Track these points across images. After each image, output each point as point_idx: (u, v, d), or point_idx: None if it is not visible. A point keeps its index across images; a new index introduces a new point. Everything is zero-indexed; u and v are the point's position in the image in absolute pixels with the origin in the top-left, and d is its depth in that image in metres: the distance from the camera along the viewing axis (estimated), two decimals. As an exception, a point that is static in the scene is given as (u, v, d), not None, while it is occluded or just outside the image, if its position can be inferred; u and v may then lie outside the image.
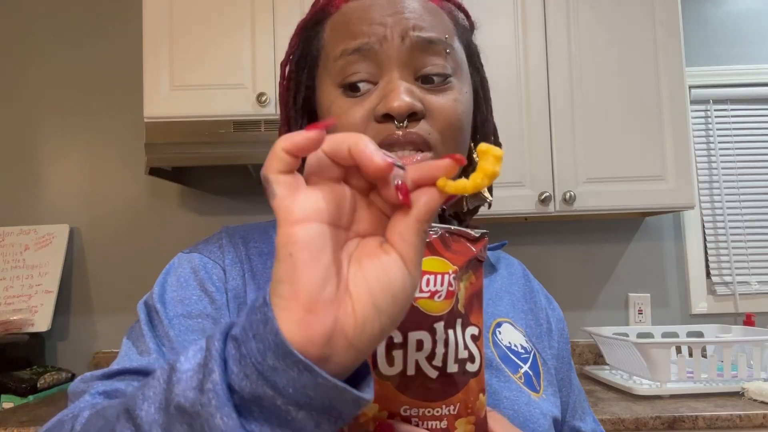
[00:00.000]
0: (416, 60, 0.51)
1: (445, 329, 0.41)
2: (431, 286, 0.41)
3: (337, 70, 0.52)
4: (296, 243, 0.29)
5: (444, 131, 0.51)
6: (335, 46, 0.53)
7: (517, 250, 1.92)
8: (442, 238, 0.43)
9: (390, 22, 0.51)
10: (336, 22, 0.55)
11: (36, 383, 1.53)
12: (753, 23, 1.98)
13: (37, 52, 1.98)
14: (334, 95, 0.53)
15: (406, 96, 0.49)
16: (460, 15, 0.62)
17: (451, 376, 0.41)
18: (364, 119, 0.51)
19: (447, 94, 0.52)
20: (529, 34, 1.61)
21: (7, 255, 1.83)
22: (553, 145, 1.59)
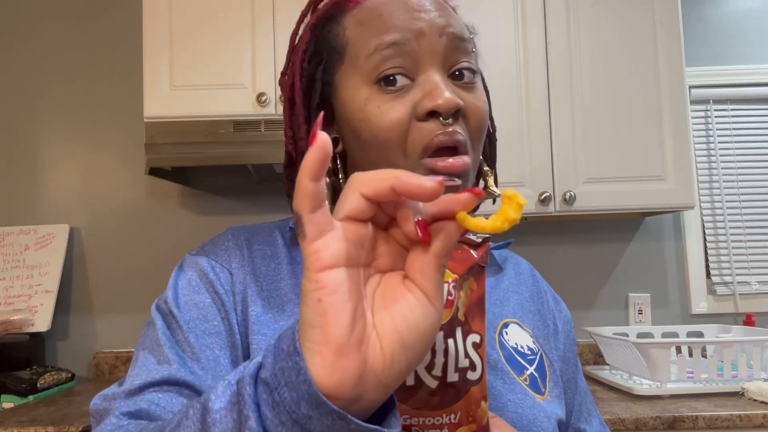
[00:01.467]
0: (450, 56, 0.50)
1: (444, 339, 0.41)
2: None
3: (371, 66, 0.49)
4: (324, 288, 0.29)
5: (474, 132, 0.50)
6: (367, 42, 0.50)
7: (517, 250, 1.92)
8: None
9: (425, 17, 0.50)
10: (362, 18, 0.52)
11: (36, 383, 1.53)
12: (753, 23, 1.98)
13: (38, 52, 1.98)
14: (368, 92, 0.50)
15: (448, 93, 0.47)
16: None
17: (451, 384, 0.41)
18: (407, 116, 0.48)
19: (475, 93, 0.51)
20: (529, 34, 1.61)
21: (7, 255, 1.83)
22: (553, 145, 1.59)
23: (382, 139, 0.49)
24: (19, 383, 1.51)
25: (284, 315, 0.52)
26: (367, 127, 0.50)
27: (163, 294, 0.54)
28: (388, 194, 0.30)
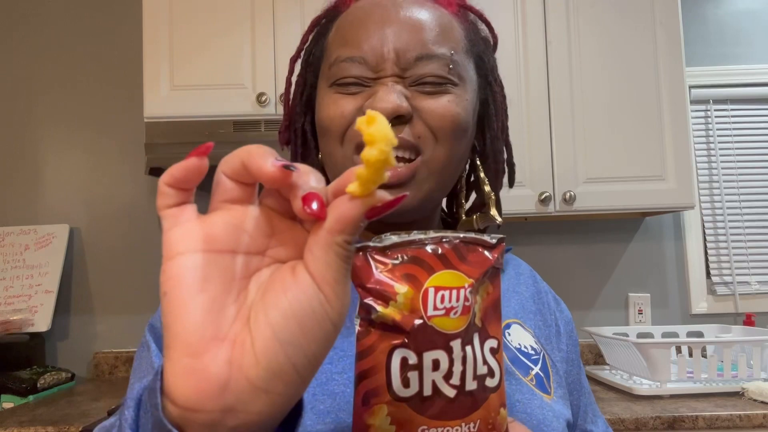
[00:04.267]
0: (410, 70, 0.50)
1: (462, 346, 0.39)
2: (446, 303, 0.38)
3: (332, 72, 0.52)
4: (169, 279, 0.25)
5: (436, 131, 0.50)
6: (333, 52, 0.53)
7: (517, 250, 1.92)
8: (456, 249, 0.39)
9: (390, 35, 0.50)
10: (340, 24, 0.54)
11: (36, 383, 1.53)
12: (753, 23, 1.98)
13: (38, 52, 1.98)
14: (326, 92, 0.52)
15: (393, 96, 0.48)
16: (481, 26, 0.60)
17: (470, 393, 0.39)
18: (353, 113, 0.50)
19: (442, 97, 0.51)
20: (529, 34, 1.61)
21: (7, 255, 1.83)
22: (553, 145, 1.59)
23: (326, 128, 0.51)
24: (19, 383, 1.51)
25: None
26: (319, 119, 0.53)
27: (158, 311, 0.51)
28: (242, 171, 0.27)
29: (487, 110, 0.58)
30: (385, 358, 0.36)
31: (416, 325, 0.37)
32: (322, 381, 0.47)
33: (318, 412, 0.45)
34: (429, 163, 0.50)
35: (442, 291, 0.37)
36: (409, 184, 0.49)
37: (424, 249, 0.37)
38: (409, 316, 0.37)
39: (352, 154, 0.50)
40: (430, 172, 0.50)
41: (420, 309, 0.37)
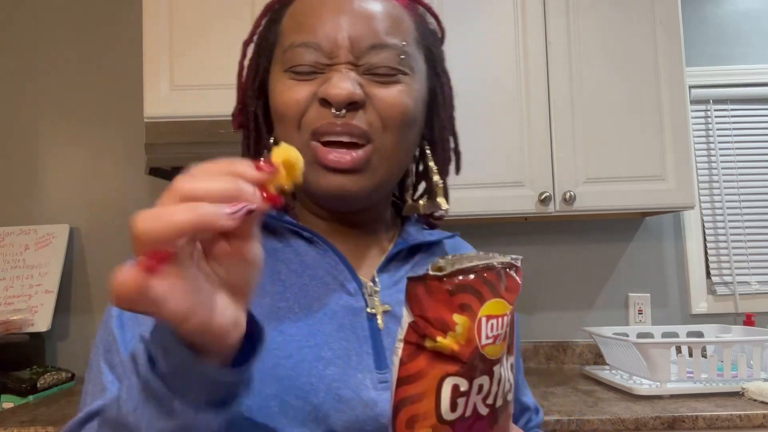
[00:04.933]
0: (365, 57, 0.52)
1: (500, 369, 0.41)
2: (495, 331, 0.39)
3: (286, 58, 0.53)
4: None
5: (386, 120, 0.52)
6: (287, 37, 0.54)
7: (517, 251, 1.92)
8: (499, 275, 0.40)
9: (344, 23, 0.52)
10: (293, 12, 0.55)
11: (36, 383, 1.53)
12: (753, 23, 1.98)
13: (38, 52, 1.98)
14: (281, 76, 0.53)
15: (348, 83, 0.49)
16: (429, 19, 0.62)
17: (498, 409, 0.41)
18: (307, 98, 0.51)
19: (393, 87, 0.52)
20: (529, 34, 1.61)
21: (7, 255, 1.83)
22: (553, 145, 1.59)
23: (282, 114, 0.53)
24: (19, 383, 1.51)
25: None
26: (274, 105, 0.54)
27: (107, 312, 0.53)
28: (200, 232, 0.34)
29: (435, 100, 0.61)
30: (435, 384, 0.38)
31: (472, 356, 0.38)
32: (269, 365, 0.48)
33: (264, 397, 0.47)
34: (380, 151, 0.52)
35: (491, 320, 0.39)
36: (363, 170, 0.51)
37: (478, 277, 0.39)
38: (465, 347, 0.38)
39: (308, 140, 0.52)
40: (380, 160, 0.53)
41: (475, 339, 0.38)
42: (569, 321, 1.90)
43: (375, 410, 0.49)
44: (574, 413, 1.23)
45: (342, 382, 0.50)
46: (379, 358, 0.52)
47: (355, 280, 0.55)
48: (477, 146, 1.58)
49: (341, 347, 0.51)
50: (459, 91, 1.75)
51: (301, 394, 0.48)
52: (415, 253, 0.61)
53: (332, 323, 0.52)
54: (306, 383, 0.49)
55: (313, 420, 0.48)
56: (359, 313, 0.54)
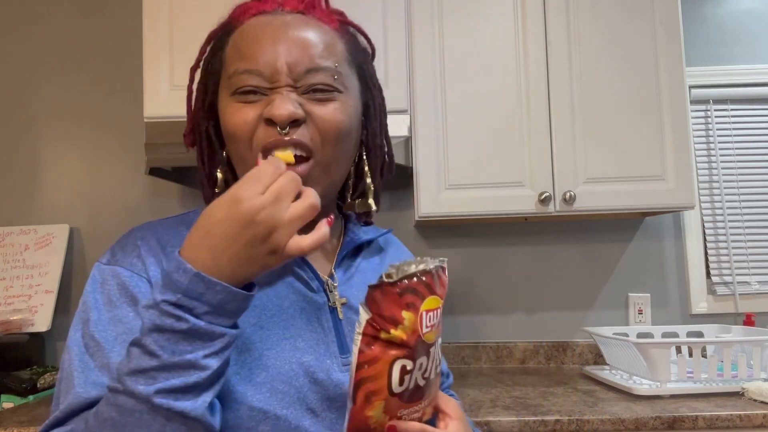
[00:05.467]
0: (303, 80, 0.59)
1: (434, 349, 0.53)
2: (432, 321, 0.51)
3: (231, 83, 0.60)
4: None
5: (324, 135, 0.60)
6: (231, 64, 0.60)
7: (517, 250, 1.92)
8: (434, 276, 0.51)
9: (282, 51, 0.59)
10: (236, 40, 0.62)
11: (36, 383, 1.53)
12: (753, 23, 1.98)
13: (38, 52, 1.98)
14: (229, 100, 0.60)
15: (289, 105, 0.57)
16: (360, 39, 0.69)
17: (431, 380, 0.54)
18: (255, 120, 0.59)
19: (329, 105, 0.60)
20: (529, 34, 1.61)
21: (7, 255, 1.83)
22: (553, 145, 1.59)
23: (232, 134, 0.60)
24: (19, 383, 1.51)
25: None
26: (225, 126, 0.61)
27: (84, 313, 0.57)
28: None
29: (368, 111, 0.68)
30: (388, 366, 0.49)
31: (416, 342, 0.50)
32: (255, 357, 0.58)
33: (255, 384, 0.56)
34: (320, 164, 0.60)
35: (429, 313, 0.51)
36: (307, 182, 0.58)
37: (418, 280, 0.50)
38: (411, 336, 0.49)
39: (258, 155, 0.59)
40: (321, 172, 0.61)
41: (418, 329, 0.50)
42: (569, 321, 1.90)
43: (342, 389, 0.60)
44: (574, 413, 1.23)
45: (316, 367, 0.59)
46: (341, 344, 0.62)
47: (317, 279, 0.65)
48: (477, 146, 1.58)
49: (312, 338, 0.61)
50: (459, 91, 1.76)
51: (286, 379, 0.57)
52: (359, 252, 0.72)
53: (302, 317, 0.62)
54: (289, 370, 0.58)
55: (297, 401, 0.57)
56: (323, 307, 0.64)
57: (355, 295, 0.67)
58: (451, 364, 1.88)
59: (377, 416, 0.50)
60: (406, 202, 1.95)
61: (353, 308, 0.66)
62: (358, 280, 0.69)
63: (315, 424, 0.57)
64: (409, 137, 1.57)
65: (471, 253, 1.93)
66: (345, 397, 0.59)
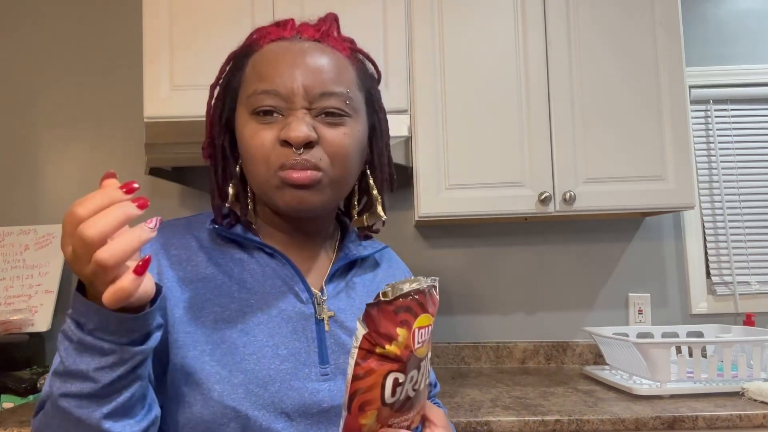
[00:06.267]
0: (317, 103, 0.64)
1: (425, 363, 0.56)
2: (423, 338, 0.54)
3: (250, 102, 0.64)
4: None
5: (333, 157, 0.65)
6: (251, 85, 0.65)
7: (517, 250, 1.92)
8: (426, 295, 0.54)
9: (298, 73, 0.63)
10: (255, 62, 0.66)
11: (36, 383, 1.53)
12: (753, 23, 1.98)
13: (38, 52, 1.98)
14: (247, 120, 0.65)
15: (304, 127, 0.62)
16: (368, 65, 0.74)
17: (420, 391, 0.57)
18: (272, 142, 0.63)
19: (339, 129, 0.65)
20: (529, 34, 1.61)
21: (7, 255, 1.83)
22: (553, 145, 1.59)
23: (252, 154, 0.64)
24: (19, 383, 1.51)
25: (203, 312, 0.64)
26: (243, 144, 0.65)
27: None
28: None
29: (374, 133, 0.73)
30: (381, 379, 0.52)
31: (408, 357, 0.53)
32: (237, 360, 0.62)
33: (233, 384, 0.60)
34: (328, 178, 0.65)
35: (421, 330, 0.54)
36: (316, 187, 0.64)
37: (412, 299, 0.53)
38: (404, 351, 0.52)
39: (276, 171, 0.63)
40: (329, 183, 0.65)
41: (411, 345, 0.53)
42: (569, 321, 1.90)
43: (317, 397, 0.63)
44: (574, 413, 1.23)
45: (293, 374, 0.63)
46: (322, 355, 0.66)
47: (307, 290, 0.68)
48: (477, 146, 1.58)
49: (294, 347, 0.65)
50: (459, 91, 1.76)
51: (261, 383, 0.61)
52: (352, 266, 0.76)
53: (288, 326, 0.66)
54: (266, 375, 0.62)
55: (271, 404, 0.61)
56: (309, 318, 0.67)
57: (343, 309, 0.70)
58: (451, 363, 1.88)
59: (370, 424, 0.53)
60: (406, 202, 1.95)
61: (339, 322, 0.69)
62: (347, 295, 0.73)
63: (288, 428, 0.61)
64: (409, 137, 1.57)
65: (471, 253, 1.93)
66: (320, 404, 0.63)
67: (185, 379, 0.61)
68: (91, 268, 0.45)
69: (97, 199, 0.46)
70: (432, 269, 1.92)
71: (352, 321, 0.70)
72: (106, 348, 0.49)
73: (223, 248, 0.69)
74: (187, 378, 0.61)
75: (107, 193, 0.46)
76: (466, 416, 1.23)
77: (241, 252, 0.69)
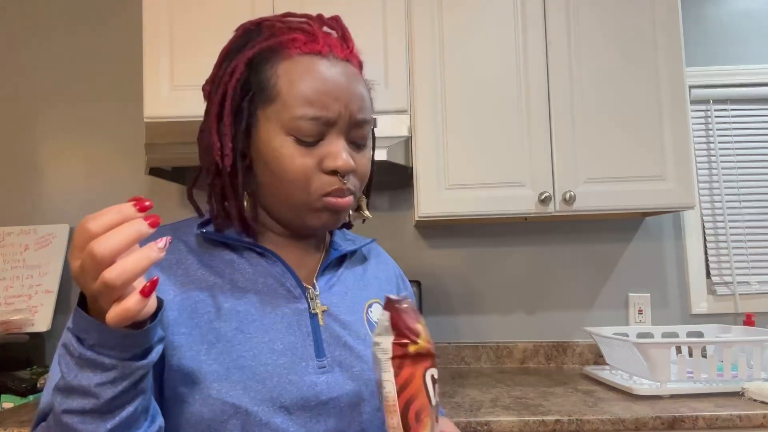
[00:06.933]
0: (352, 131, 0.67)
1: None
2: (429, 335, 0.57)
3: (293, 125, 0.64)
4: None
5: (360, 181, 0.70)
6: (296, 105, 0.63)
7: (517, 250, 1.92)
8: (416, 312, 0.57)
9: (344, 98, 0.65)
10: (295, 78, 0.64)
11: (36, 383, 1.53)
12: (753, 23, 1.98)
13: (38, 52, 1.98)
14: (285, 139, 0.64)
15: (347, 157, 0.65)
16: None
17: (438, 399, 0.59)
18: (313, 167, 0.65)
19: (364, 153, 0.70)
20: (529, 34, 1.62)
21: (7, 255, 1.83)
22: (553, 145, 1.59)
23: (291, 179, 0.65)
24: (19, 383, 1.51)
25: (197, 313, 0.64)
26: (278, 165, 0.65)
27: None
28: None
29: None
30: (422, 381, 0.53)
31: (434, 349, 0.54)
32: (233, 357, 0.63)
33: (231, 381, 0.61)
34: (355, 198, 0.70)
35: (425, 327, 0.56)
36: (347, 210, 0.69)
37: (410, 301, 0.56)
38: (430, 344, 0.55)
39: (318, 197, 0.65)
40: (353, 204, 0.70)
41: (430, 338, 0.55)
42: (569, 321, 1.90)
43: (315, 389, 0.64)
44: (574, 413, 1.23)
45: (290, 368, 0.64)
46: (318, 348, 0.67)
47: (300, 286, 0.69)
48: (477, 146, 1.58)
49: (289, 341, 0.65)
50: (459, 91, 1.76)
51: (259, 378, 0.62)
52: (342, 261, 0.77)
53: (282, 322, 0.66)
54: (264, 370, 0.63)
55: (269, 399, 0.62)
56: (303, 313, 0.68)
57: (336, 303, 0.72)
58: (451, 363, 1.88)
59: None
60: (406, 202, 1.95)
61: (333, 315, 0.70)
62: (339, 289, 0.74)
63: (287, 421, 0.62)
64: (409, 137, 1.57)
65: (471, 253, 1.93)
66: (319, 396, 0.64)
67: (183, 379, 0.62)
68: (97, 285, 0.45)
69: (110, 216, 0.45)
70: (432, 269, 1.92)
71: (346, 314, 0.71)
72: (108, 363, 0.49)
73: (212, 251, 0.70)
74: (184, 378, 0.62)
75: (121, 210, 0.46)
76: (466, 416, 1.23)
77: (231, 253, 0.70)
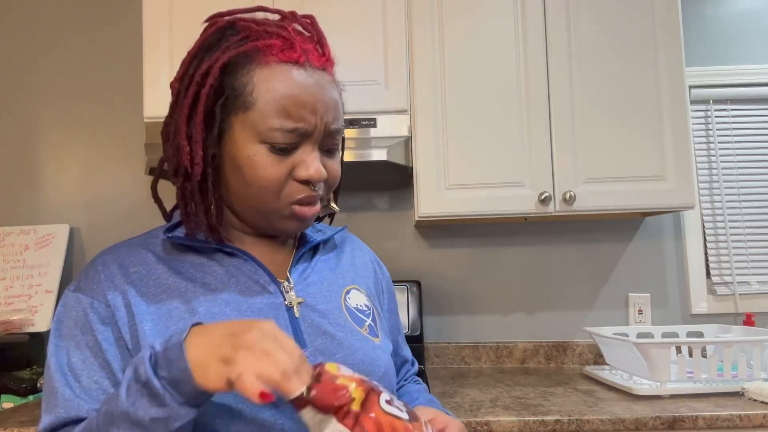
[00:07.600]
0: (326, 140, 0.68)
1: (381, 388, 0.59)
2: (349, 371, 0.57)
3: (270, 135, 0.63)
4: None
5: (330, 185, 0.71)
6: (273, 117, 0.63)
7: (517, 250, 1.92)
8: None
9: (320, 110, 0.65)
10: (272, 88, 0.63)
11: (36, 383, 1.53)
12: (753, 23, 1.98)
13: (38, 52, 1.99)
14: (257, 148, 0.64)
15: (320, 166, 0.66)
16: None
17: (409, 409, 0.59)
18: (285, 174, 0.65)
19: (335, 157, 0.70)
20: (529, 34, 1.62)
21: (7, 255, 1.83)
22: (553, 145, 1.59)
23: (263, 185, 0.65)
24: (19, 383, 1.51)
25: (172, 321, 0.63)
26: (251, 172, 0.64)
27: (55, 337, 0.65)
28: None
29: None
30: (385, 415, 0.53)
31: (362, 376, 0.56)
32: None
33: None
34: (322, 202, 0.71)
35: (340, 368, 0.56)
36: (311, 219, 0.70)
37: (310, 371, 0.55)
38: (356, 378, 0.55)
39: (289, 204, 0.66)
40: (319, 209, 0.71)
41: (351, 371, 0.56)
42: (569, 321, 1.90)
43: None
44: (574, 413, 1.23)
45: None
46: (299, 339, 0.67)
47: (273, 281, 0.69)
48: (477, 146, 1.58)
49: None
50: (459, 91, 1.76)
51: None
52: (315, 252, 0.78)
53: (260, 318, 0.66)
54: None
55: None
56: (279, 307, 0.68)
57: (312, 293, 0.72)
58: (451, 363, 1.88)
59: None
60: (406, 202, 1.95)
61: (310, 306, 0.70)
62: (314, 279, 0.74)
63: (275, 414, 0.62)
64: (409, 137, 1.57)
65: (471, 253, 1.93)
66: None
67: None
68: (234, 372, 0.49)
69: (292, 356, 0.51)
70: (432, 269, 1.92)
71: (323, 303, 0.71)
72: (167, 401, 0.52)
73: (180, 257, 0.69)
74: None
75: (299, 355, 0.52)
76: (466, 416, 1.23)
77: (199, 257, 0.69)
